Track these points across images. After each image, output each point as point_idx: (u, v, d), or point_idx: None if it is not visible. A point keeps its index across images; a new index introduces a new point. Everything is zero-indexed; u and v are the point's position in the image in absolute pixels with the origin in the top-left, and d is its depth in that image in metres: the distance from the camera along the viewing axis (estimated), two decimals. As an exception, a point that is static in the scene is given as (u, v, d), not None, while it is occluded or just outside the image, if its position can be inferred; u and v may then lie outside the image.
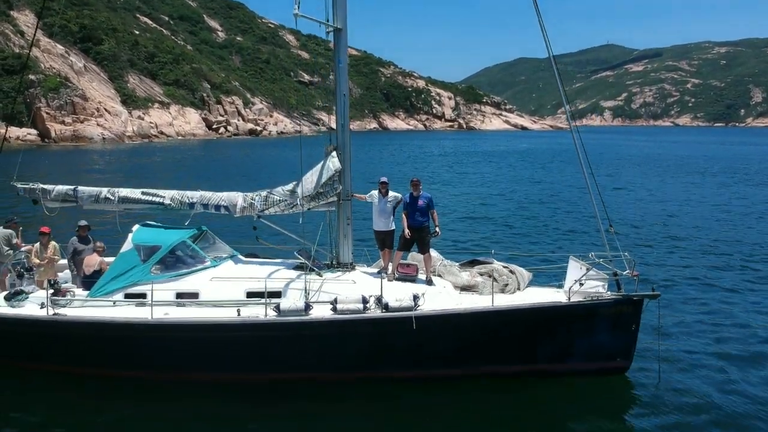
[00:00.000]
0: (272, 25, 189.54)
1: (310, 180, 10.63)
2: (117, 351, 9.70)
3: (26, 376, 10.00)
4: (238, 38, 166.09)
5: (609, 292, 9.90)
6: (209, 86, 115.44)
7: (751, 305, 14.08)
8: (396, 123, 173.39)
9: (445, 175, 46.19)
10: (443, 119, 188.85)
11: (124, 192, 11.17)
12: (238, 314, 9.51)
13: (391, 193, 11.08)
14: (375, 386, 9.71)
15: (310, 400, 9.42)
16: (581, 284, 9.80)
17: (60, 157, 61.49)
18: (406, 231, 10.75)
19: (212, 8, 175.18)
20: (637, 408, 9.41)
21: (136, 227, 10.81)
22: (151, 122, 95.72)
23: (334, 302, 9.55)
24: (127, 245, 10.39)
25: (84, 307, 9.92)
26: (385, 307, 9.48)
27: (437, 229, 10.98)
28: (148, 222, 11.18)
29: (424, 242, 10.80)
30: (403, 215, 10.90)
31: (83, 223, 11.24)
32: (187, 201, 10.99)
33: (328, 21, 10.64)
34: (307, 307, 9.48)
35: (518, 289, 10.48)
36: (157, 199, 11.02)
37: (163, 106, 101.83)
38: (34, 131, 79.40)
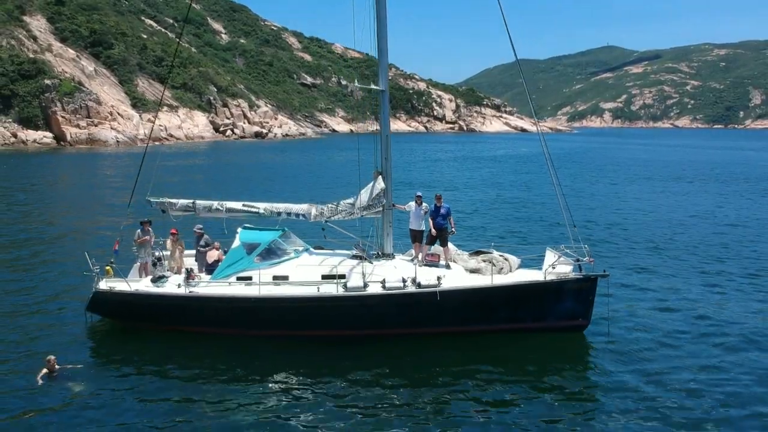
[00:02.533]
0: (275, 28, 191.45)
1: (364, 196, 14.96)
2: (233, 316, 13.88)
3: (165, 335, 14.12)
4: (242, 40, 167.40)
5: (573, 273, 14.21)
6: (215, 89, 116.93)
7: (683, 284, 18.50)
8: (397, 125, 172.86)
9: (449, 182, 50.33)
10: (444, 121, 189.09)
11: (230, 204, 15.44)
12: (318, 290, 13.74)
13: (423, 204, 15.59)
14: (410, 340, 13.92)
15: (364, 348, 13.57)
16: (554, 267, 14.13)
17: (81, 159, 64.93)
18: (433, 230, 15.25)
19: (216, 11, 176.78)
20: (592, 354, 13.56)
21: (240, 229, 15.04)
22: (160, 125, 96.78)
23: (383, 282, 13.79)
24: (236, 243, 14.62)
25: (208, 287, 14.15)
26: (418, 285, 13.74)
27: (453, 229, 15.67)
28: (246, 225, 15.41)
29: (444, 238, 15.29)
30: (429, 219, 15.37)
31: (200, 227, 15.48)
32: (276, 210, 15.34)
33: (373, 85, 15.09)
34: (365, 285, 13.72)
35: (510, 271, 14.78)
36: (254, 210, 15.32)
37: (171, 110, 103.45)
38: (49, 134, 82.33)
